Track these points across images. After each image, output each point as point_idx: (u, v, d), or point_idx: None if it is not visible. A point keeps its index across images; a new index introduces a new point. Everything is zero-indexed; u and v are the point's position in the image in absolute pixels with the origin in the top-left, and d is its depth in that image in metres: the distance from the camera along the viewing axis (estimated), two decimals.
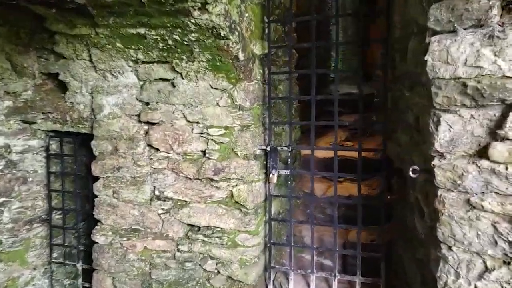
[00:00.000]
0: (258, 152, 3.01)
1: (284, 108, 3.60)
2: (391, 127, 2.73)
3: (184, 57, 2.79)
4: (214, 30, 2.45)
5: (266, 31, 3.05)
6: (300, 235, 3.89)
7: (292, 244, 3.10)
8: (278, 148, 2.95)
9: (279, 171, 2.98)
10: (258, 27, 2.98)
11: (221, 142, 2.94)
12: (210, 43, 2.60)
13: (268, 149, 2.95)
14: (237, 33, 2.56)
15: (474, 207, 1.57)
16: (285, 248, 3.43)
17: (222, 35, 2.48)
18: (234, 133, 2.91)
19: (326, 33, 8.03)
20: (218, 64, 2.75)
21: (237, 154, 2.93)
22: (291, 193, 3.12)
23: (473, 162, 1.53)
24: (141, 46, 2.83)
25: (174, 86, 2.96)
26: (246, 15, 2.73)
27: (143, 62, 2.97)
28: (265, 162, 3.15)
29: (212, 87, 2.88)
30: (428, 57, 1.53)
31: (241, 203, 2.95)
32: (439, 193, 1.64)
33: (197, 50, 2.68)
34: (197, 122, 2.95)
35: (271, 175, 2.96)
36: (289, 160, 3.05)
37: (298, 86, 3.97)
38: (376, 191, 4.28)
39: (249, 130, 2.91)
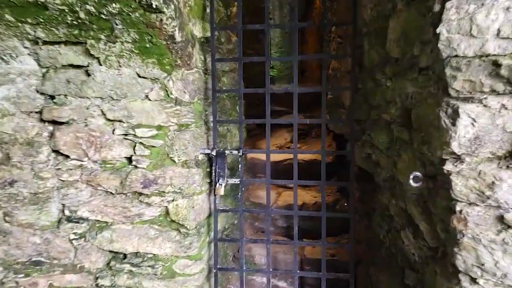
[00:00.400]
0: (200, 157, 2.57)
1: (229, 104, 3.20)
2: (361, 127, 2.48)
3: (103, 37, 2.26)
4: None
5: (208, 10, 2.64)
6: (250, 254, 3.51)
7: (244, 268, 2.69)
8: (227, 152, 2.53)
9: (227, 180, 2.57)
10: (198, 4, 2.56)
11: (153, 146, 2.45)
12: (137, 18, 2.11)
13: (214, 153, 2.52)
14: (173, 6, 2.11)
15: (510, 227, 1.27)
16: (233, 271, 3.02)
17: (154, 6, 2.02)
18: (170, 134, 2.44)
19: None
20: (148, 46, 2.27)
21: (173, 161, 2.46)
22: (241, 206, 2.71)
23: (508, 167, 1.25)
24: (41, 20, 2.23)
25: (89, 75, 2.40)
26: None
27: (46, 43, 2.37)
28: (209, 170, 2.72)
29: (139, 76, 2.39)
30: (441, 29, 1.23)
31: (180, 222, 2.49)
32: (458, 208, 1.32)
33: (120, 27, 2.17)
34: (120, 121, 2.43)
35: (217, 185, 2.54)
36: (240, 166, 2.65)
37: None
38: (331, 198, 4.07)
39: (189, 130, 2.47)
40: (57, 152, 2.49)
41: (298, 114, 2.44)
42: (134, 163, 2.45)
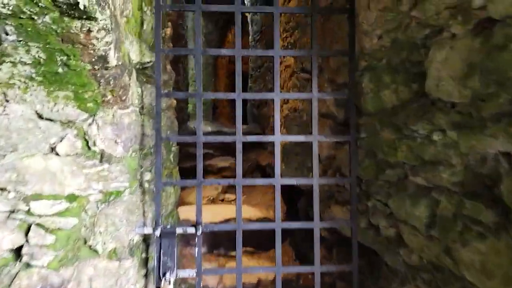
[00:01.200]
0: (135, 239, 1.88)
1: (164, 153, 2.57)
2: (360, 187, 2.08)
3: None
4: None
5: (146, 26, 2.06)
6: None
7: None
8: (178, 230, 1.88)
9: (177, 274, 1.89)
10: (136, 16, 1.97)
11: (60, 229, 1.70)
12: (47, 26, 1.45)
13: (157, 233, 1.85)
14: (108, 12, 1.50)
15: None
16: None
17: (80, 8, 1.38)
18: (90, 209, 1.73)
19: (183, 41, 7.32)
20: (60, 71, 1.59)
21: (95, 251, 1.74)
22: None
23: None
24: None
25: None
26: None
27: None
28: (144, 255, 2.01)
29: (41, 117, 1.68)
30: None
31: None
32: None
33: (13, 38, 1.47)
34: (2, 190, 1.64)
35: (163, 281, 1.85)
36: (197, 248, 1.97)
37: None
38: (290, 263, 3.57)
39: (121, 201, 1.79)
40: None
41: (228, 157, 1.95)
42: (26, 258, 1.65)
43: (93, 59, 1.59)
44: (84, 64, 1.60)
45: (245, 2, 7.01)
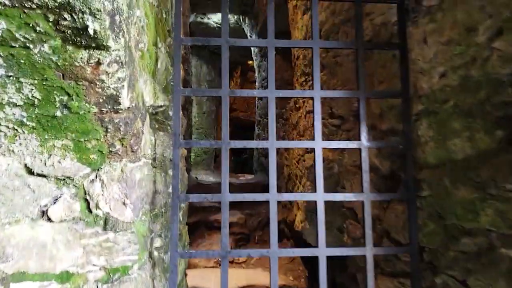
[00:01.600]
0: None
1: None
2: (422, 258, 1.69)
3: None
4: (72, 15, 1.04)
5: (163, 63, 1.78)
6: None
7: None
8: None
9: None
10: (151, 51, 1.68)
11: None
12: (45, 56, 1.14)
13: None
14: (123, 42, 1.20)
15: None
16: None
17: (90, 33, 1.08)
18: None
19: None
20: (59, 114, 1.27)
21: None
22: None
23: None
24: None
25: None
26: (138, 13, 1.42)
27: None
28: None
29: (31, 173, 1.32)
30: None
31: None
32: None
33: (1, 72, 1.16)
34: None
35: None
36: None
37: None
38: None
39: (129, 280, 1.39)
40: None
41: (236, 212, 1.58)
42: None
43: (101, 100, 1.27)
44: (89, 106, 1.28)
45: (252, 50, 6.90)
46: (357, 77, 1.74)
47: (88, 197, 1.37)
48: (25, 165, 1.33)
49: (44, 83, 1.21)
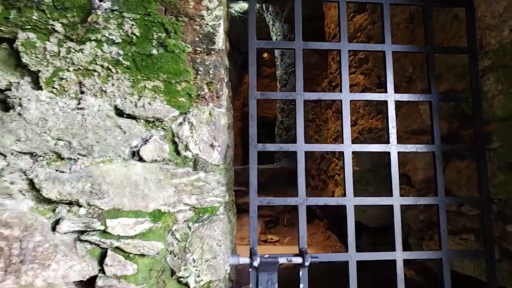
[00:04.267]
0: (228, 270, 1.47)
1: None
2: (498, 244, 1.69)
3: (59, 27, 1.22)
4: None
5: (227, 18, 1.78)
6: None
7: None
8: (282, 259, 1.47)
9: None
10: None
11: (143, 256, 1.31)
12: None
13: (257, 263, 1.45)
14: None
15: None
16: None
17: None
18: (179, 230, 1.35)
19: None
20: (154, 53, 1.28)
21: (185, 286, 1.33)
22: None
23: None
24: None
25: (9, 108, 1.28)
26: None
27: None
28: None
29: (121, 114, 1.35)
30: None
31: None
32: None
33: (108, 5, 1.18)
34: (72, 203, 1.28)
35: None
36: (302, 286, 1.55)
37: None
38: None
39: (218, 220, 1.40)
40: None
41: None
42: None
43: (197, 38, 1.28)
44: (184, 45, 1.29)
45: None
46: (425, 33, 1.74)
47: (176, 139, 1.38)
48: (115, 106, 1.35)
49: (145, 18, 1.22)
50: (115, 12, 1.19)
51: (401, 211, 1.62)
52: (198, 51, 1.31)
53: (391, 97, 1.71)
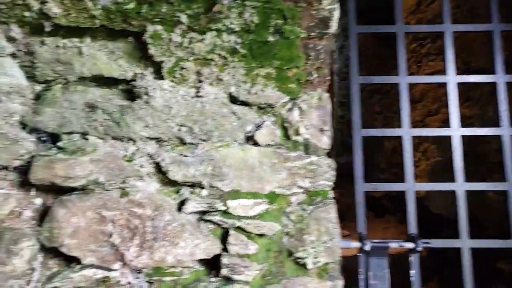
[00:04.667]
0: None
1: None
2: None
3: (184, 18, 1.30)
4: None
5: None
6: None
7: None
8: (394, 244, 1.47)
9: None
10: None
11: (262, 236, 1.35)
12: None
13: (368, 247, 1.45)
14: None
15: None
16: None
17: None
18: (293, 212, 1.39)
19: None
20: (270, 40, 1.33)
21: (302, 266, 1.36)
22: None
23: None
24: None
25: (135, 97, 1.37)
26: None
27: (55, 31, 1.36)
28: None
29: (234, 101, 1.40)
30: None
31: None
32: None
33: None
34: (195, 185, 1.36)
35: None
36: (413, 271, 1.54)
37: None
38: None
39: (330, 203, 1.41)
40: (52, 251, 1.30)
41: None
42: (225, 271, 1.31)
43: (312, 24, 1.31)
44: (299, 31, 1.32)
45: None
46: (489, 10, 1.67)
47: (286, 124, 1.42)
48: (230, 94, 1.41)
49: (265, 5, 1.27)
50: (237, 1, 1.25)
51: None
52: (312, 36, 1.34)
53: (452, 78, 1.65)
